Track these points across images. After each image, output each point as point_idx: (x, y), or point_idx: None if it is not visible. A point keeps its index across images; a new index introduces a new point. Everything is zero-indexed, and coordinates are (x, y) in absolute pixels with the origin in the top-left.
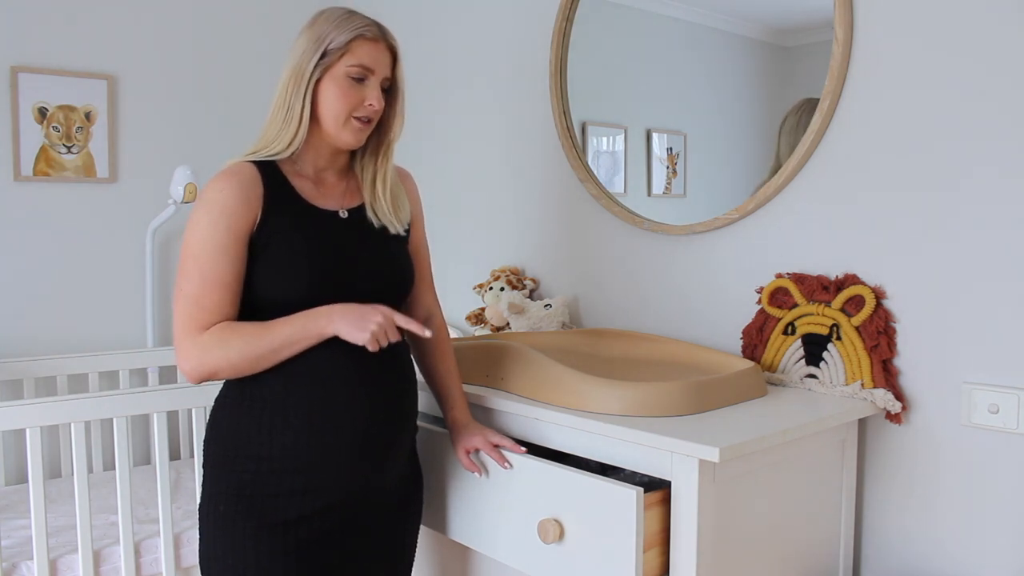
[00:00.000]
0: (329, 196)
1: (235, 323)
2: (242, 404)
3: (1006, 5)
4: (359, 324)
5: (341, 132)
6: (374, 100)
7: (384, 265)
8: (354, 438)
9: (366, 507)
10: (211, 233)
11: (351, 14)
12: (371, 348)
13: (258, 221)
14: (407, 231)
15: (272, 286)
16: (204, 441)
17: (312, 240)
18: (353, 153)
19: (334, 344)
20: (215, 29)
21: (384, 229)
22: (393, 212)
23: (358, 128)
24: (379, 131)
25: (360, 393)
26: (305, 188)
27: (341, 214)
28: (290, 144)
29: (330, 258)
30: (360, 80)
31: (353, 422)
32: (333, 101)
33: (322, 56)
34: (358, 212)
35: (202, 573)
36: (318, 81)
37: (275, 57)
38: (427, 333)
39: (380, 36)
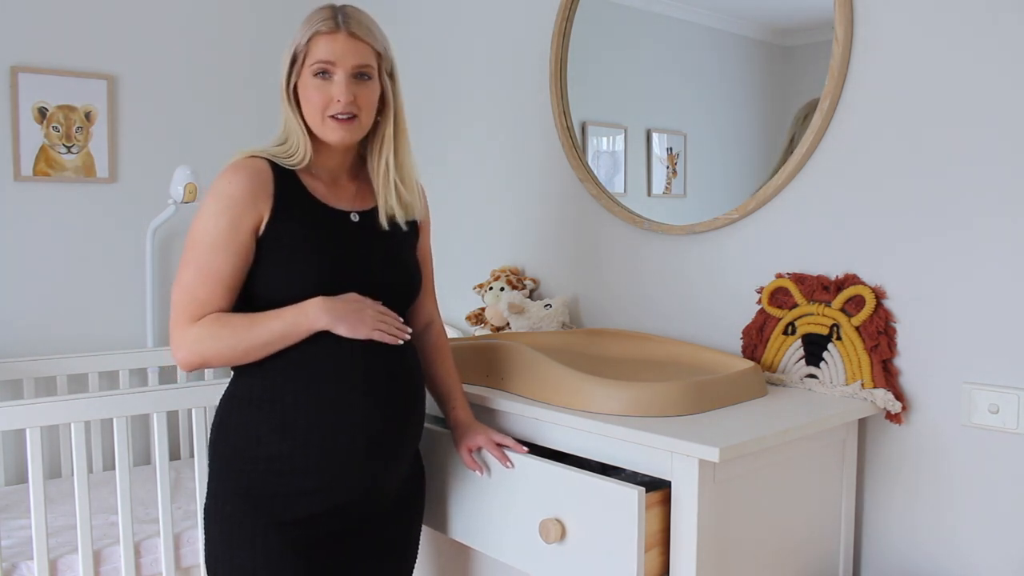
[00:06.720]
0: (342, 198)
1: (225, 315)
2: (251, 404)
3: (1007, 4)
4: (355, 320)
5: (324, 132)
6: (340, 95)
7: (392, 269)
8: (364, 439)
9: (373, 506)
10: (214, 225)
11: (316, 11)
12: (390, 342)
13: (267, 219)
14: (410, 224)
15: (278, 285)
16: (210, 441)
17: (321, 240)
18: (366, 149)
19: (344, 345)
20: (215, 29)
21: (394, 232)
22: (397, 201)
23: (335, 127)
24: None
25: (370, 394)
26: (318, 188)
27: (352, 216)
28: (297, 153)
29: (338, 260)
30: (326, 76)
31: (363, 423)
32: (306, 104)
33: (292, 62)
34: (369, 215)
35: (208, 573)
36: (296, 88)
37: (275, 57)
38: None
39: (337, 27)
